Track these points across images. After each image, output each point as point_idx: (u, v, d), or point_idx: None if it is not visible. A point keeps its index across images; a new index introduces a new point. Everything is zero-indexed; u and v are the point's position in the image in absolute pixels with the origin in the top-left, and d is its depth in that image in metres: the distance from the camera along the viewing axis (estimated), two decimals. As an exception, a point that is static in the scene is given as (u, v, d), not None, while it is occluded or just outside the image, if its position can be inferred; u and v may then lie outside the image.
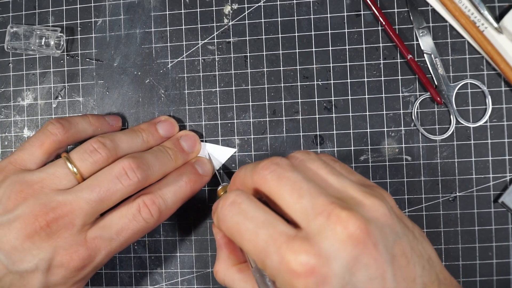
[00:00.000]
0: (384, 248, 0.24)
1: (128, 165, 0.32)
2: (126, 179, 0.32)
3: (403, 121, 0.37)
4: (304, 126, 0.38)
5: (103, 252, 0.32)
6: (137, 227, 0.32)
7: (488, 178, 0.37)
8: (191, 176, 0.35)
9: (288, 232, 0.24)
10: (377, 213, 0.25)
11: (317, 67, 0.38)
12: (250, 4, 0.39)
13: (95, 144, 0.33)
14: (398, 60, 0.38)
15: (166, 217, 0.34)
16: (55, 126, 0.34)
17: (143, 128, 0.36)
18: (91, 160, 0.32)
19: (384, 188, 0.37)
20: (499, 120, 0.37)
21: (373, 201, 0.25)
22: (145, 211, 0.32)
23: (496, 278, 0.36)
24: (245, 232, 0.25)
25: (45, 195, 0.31)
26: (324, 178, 0.27)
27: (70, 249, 0.31)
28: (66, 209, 0.31)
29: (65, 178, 0.32)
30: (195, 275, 0.39)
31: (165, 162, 0.35)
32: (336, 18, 0.38)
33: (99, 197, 0.31)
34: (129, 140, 0.35)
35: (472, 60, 0.37)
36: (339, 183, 0.26)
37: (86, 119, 0.36)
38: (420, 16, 0.37)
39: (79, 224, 0.31)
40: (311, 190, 0.25)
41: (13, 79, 0.41)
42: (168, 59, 0.40)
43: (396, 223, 0.25)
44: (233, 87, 0.39)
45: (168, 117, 0.38)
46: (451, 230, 0.37)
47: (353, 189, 0.26)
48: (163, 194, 0.33)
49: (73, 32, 0.41)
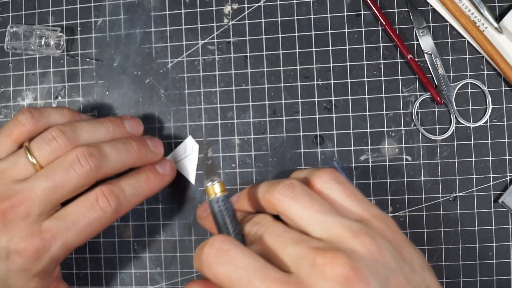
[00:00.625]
0: (377, 283, 0.24)
1: (81, 153, 0.31)
2: (79, 167, 0.31)
3: (403, 121, 0.37)
4: (304, 126, 0.38)
5: (58, 243, 0.31)
6: (94, 216, 0.32)
7: (488, 178, 0.37)
8: (150, 174, 0.35)
9: (281, 278, 0.25)
10: (366, 251, 0.25)
11: (317, 67, 0.38)
12: (250, 4, 0.39)
13: (54, 132, 0.32)
14: (398, 60, 0.38)
15: (124, 212, 0.34)
16: (25, 116, 0.33)
17: (109, 119, 0.36)
18: (48, 149, 0.32)
19: (384, 188, 0.37)
20: (499, 120, 0.37)
21: (364, 240, 0.26)
22: (102, 199, 0.32)
23: (496, 278, 0.36)
24: (237, 281, 0.25)
25: (4, 185, 0.31)
26: (313, 218, 0.27)
27: (25, 238, 0.30)
28: (21, 197, 0.31)
29: (24, 168, 0.32)
30: (195, 275, 0.39)
31: (124, 153, 0.34)
32: (336, 18, 0.38)
33: (53, 185, 0.31)
34: (92, 130, 0.34)
35: (472, 60, 0.37)
36: (328, 223, 0.27)
37: (60, 111, 0.35)
38: (420, 16, 0.37)
39: (35, 214, 0.31)
40: (292, 240, 0.26)
41: (13, 79, 0.41)
42: (168, 59, 0.40)
43: (389, 258, 0.26)
44: (233, 87, 0.39)
45: (133, 116, 0.38)
46: (451, 230, 0.37)
47: (343, 228, 0.26)
48: (122, 185, 0.33)
49: (73, 32, 0.41)
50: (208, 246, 0.26)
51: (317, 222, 0.27)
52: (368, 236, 0.26)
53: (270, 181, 0.31)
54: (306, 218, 0.27)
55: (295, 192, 0.28)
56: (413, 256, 0.27)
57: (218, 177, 0.30)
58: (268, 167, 0.38)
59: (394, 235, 0.28)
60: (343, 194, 0.29)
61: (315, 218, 0.27)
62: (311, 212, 0.27)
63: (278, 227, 0.28)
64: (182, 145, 0.39)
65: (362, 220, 0.28)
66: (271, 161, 0.38)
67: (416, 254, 0.28)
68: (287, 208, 0.28)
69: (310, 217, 0.27)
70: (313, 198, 0.28)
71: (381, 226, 0.28)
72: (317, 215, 0.27)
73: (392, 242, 0.27)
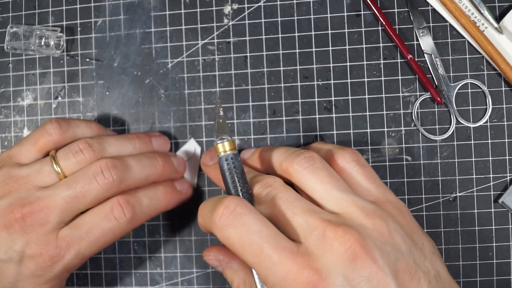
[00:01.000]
0: (385, 263, 0.25)
1: (105, 164, 0.32)
2: (102, 178, 0.31)
3: (403, 121, 0.37)
4: (304, 126, 0.38)
5: (72, 252, 0.31)
6: (108, 226, 0.32)
7: (488, 178, 0.37)
8: (169, 189, 0.35)
9: (291, 248, 0.25)
10: (377, 232, 0.26)
11: (317, 67, 0.38)
12: (250, 4, 0.39)
13: (81, 145, 0.33)
14: (398, 60, 0.38)
15: (140, 223, 0.34)
16: (52, 126, 0.34)
17: (137, 136, 0.36)
18: (74, 161, 0.32)
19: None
20: (499, 120, 0.37)
21: (375, 221, 0.26)
22: (117, 209, 0.32)
23: (496, 278, 0.36)
24: (248, 246, 0.26)
25: (27, 190, 0.31)
26: (329, 193, 0.28)
27: (41, 245, 0.31)
28: (42, 204, 0.31)
29: (48, 176, 0.32)
30: (195, 275, 0.39)
31: (148, 168, 0.34)
32: (336, 18, 0.38)
33: (75, 194, 0.31)
34: (119, 145, 0.34)
35: (472, 60, 0.37)
36: (343, 199, 0.27)
37: (88, 125, 0.36)
38: (420, 16, 0.37)
39: (54, 221, 0.31)
40: (304, 209, 0.27)
41: (13, 79, 0.41)
42: (168, 59, 0.40)
43: (400, 241, 0.26)
44: (233, 87, 0.39)
45: (161, 134, 0.38)
46: (451, 230, 0.37)
47: (357, 207, 0.27)
48: (139, 197, 0.33)
49: (73, 32, 0.41)
50: (223, 207, 0.26)
51: (332, 198, 0.27)
52: (380, 218, 0.26)
53: (289, 148, 0.31)
54: (322, 193, 0.28)
55: (315, 166, 0.28)
56: (424, 242, 0.28)
57: (229, 136, 0.29)
58: (268, 167, 0.38)
59: (406, 221, 0.28)
60: (363, 175, 0.30)
61: (331, 194, 0.27)
62: (328, 187, 0.28)
63: (290, 193, 0.28)
64: (184, 147, 0.39)
65: (377, 202, 0.29)
66: (271, 161, 0.38)
67: (427, 241, 0.28)
68: (304, 180, 0.28)
69: (326, 192, 0.28)
70: (332, 174, 0.28)
71: (394, 211, 0.28)
72: (334, 191, 0.28)
73: (404, 227, 0.27)
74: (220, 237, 0.27)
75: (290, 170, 0.29)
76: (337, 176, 0.29)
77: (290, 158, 0.29)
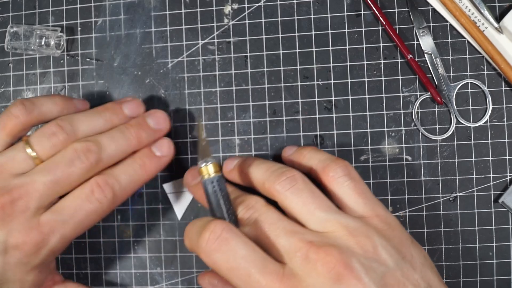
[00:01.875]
0: (371, 280, 0.25)
1: (80, 148, 0.32)
2: (79, 162, 0.31)
3: (404, 121, 0.37)
4: (304, 126, 0.38)
5: (57, 236, 0.31)
6: (91, 208, 0.32)
7: (489, 178, 0.37)
8: (146, 159, 0.34)
9: (277, 271, 0.26)
10: (361, 249, 0.26)
11: (317, 67, 0.38)
12: (250, 4, 0.39)
13: (54, 128, 0.32)
14: (398, 60, 0.38)
15: (122, 200, 0.34)
16: (17, 108, 0.33)
17: (107, 107, 0.35)
18: (49, 144, 0.32)
19: (384, 188, 0.37)
20: (499, 120, 0.37)
21: (359, 239, 0.26)
22: (98, 191, 0.32)
23: (496, 278, 0.36)
24: (236, 271, 0.26)
25: (3, 179, 0.31)
26: (312, 213, 0.28)
27: (24, 232, 0.31)
28: (21, 191, 0.31)
29: (23, 162, 0.32)
30: (195, 275, 0.39)
31: (123, 142, 0.34)
32: (336, 18, 0.38)
33: (55, 179, 0.31)
34: (90, 121, 0.34)
35: (473, 60, 0.37)
36: (326, 220, 0.27)
37: (53, 100, 0.35)
38: (420, 16, 0.37)
39: (34, 207, 0.31)
40: (285, 231, 0.27)
41: (13, 79, 0.41)
42: (168, 59, 0.40)
43: (386, 256, 0.26)
44: (233, 87, 0.39)
45: (134, 97, 0.37)
46: (451, 230, 0.37)
47: (341, 225, 0.27)
48: (117, 175, 0.33)
49: (73, 32, 0.41)
50: (209, 232, 0.26)
51: (316, 218, 0.28)
52: (364, 236, 0.27)
53: (270, 166, 0.31)
54: (305, 214, 0.28)
55: (297, 187, 0.29)
56: (413, 254, 0.28)
57: (212, 158, 0.29)
58: (268, 167, 0.38)
59: (394, 234, 0.28)
60: (353, 190, 0.30)
61: (314, 214, 0.28)
62: (312, 208, 0.28)
63: (272, 213, 0.28)
64: None
65: (365, 218, 0.29)
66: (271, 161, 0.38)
67: (417, 252, 0.28)
68: (287, 201, 0.29)
69: (309, 213, 0.28)
70: (315, 195, 0.29)
71: (382, 225, 0.28)
72: (317, 211, 0.28)
73: (392, 240, 0.27)
74: (207, 262, 0.27)
75: (272, 191, 0.29)
76: (320, 195, 0.29)
77: (272, 178, 0.29)
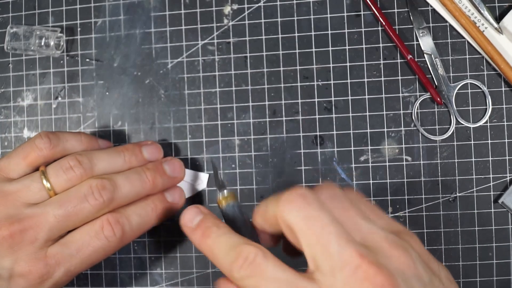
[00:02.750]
0: None
1: (95, 185, 0.32)
2: (92, 199, 0.31)
3: (403, 122, 0.37)
4: (304, 126, 0.38)
5: (62, 269, 0.31)
6: (98, 245, 0.32)
7: (488, 178, 0.37)
8: (158, 203, 0.35)
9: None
10: (403, 265, 0.25)
11: (317, 67, 0.38)
12: (250, 4, 0.39)
13: (72, 162, 0.32)
14: (398, 60, 0.38)
15: (129, 240, 0.34)
16: (42, 141, 0.33)
17: (127, 148, 0.36)
18: (65, 177, 0.32)
19: (384, 189, 0.37)
20: (499, 120, 0.37)
21: (400, 253, 0.25)
22: (108, 228, 0.32)
23: (496, 278, 0.36)
24: None
25: (15, 207, 0.31)
26: (353, 221, 0.26)
27: (30, 262, 0.31)
28: (32, 222, 0.31)
29: (38, 193, 0.32)
30: (195, 275, 0.39)
31: (138, 184, 0.34)
32: (336, 18, 0.38)
33: (67, 213, 0.31)
34: (109, 159, 0.34)
35: (472, 60, 0.37)
36: (368, 229, 0.26)
37: (78, 137, 0.35)
38: (420, 16, 0.37)
39: (43, 239, 0.31)
40: (339, 236, 0.24)
41: (13, 79, 0.41)
42: (168, 60, 0.40)
43: (422, 272, 0.26)
44: (233, 88, 0.39)
45: (153, 142, 0.37)
46: (451, 230, 0.37)
47: (381, 237, 0.26)
48: (128, 215, 0.33)
49: (73, 32, 0.41)
50: (242, 259, 0.26)
51: (357, 226, 0.26)
52: (403, 249, 0.26)
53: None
54: (346, 219, 0.26)
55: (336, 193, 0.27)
56: (440, 269, 0.28)
57: (228, 190, 0.31)
58: (268, 167, 0.38)
59: (421, 248, 0.28)
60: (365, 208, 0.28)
61: (356, 222, 0.26)
62: (352, 214, 0.26)
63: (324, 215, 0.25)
64: (195, 173, 0.39)
65: (393, 232, 0.28)
66: (271, 161, 0.38)
67: (441, 268, 0.28)
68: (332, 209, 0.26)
69: (351, 218, 0.26)
70: (353, 202, 0.27)
71: (409, 239, 0.28)
72: (358, 219, 0.26)
73: (421, 255, 0.27)
74: (238, 285, 0.26)
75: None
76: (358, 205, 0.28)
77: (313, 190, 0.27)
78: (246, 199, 0.39)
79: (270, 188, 0.38)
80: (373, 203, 0.30)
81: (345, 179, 0.38)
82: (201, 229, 0.29)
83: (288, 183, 0.38)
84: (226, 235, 0.28)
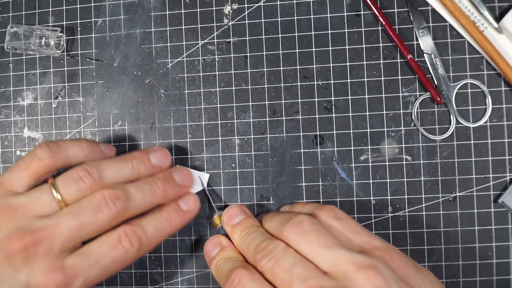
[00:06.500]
0: None
1: (108, 195, 0.32)
2: (107, 209, 0.31)
3: (403, 121, 0.37)
4: (304, 126, 0.38)
5: (81, 280, 0.31)
6: (117, 256, 0.32)
7: (488, 178, 0.37)
8: (172, 213, 0.35)
9: None
10: (372, 285, 0.26)
11: (317, 67, 0.38)
12: (250, 4, 0.39)
13: (81, 172, 0.32)
14: (398, 60, 0.38)
15: (147, 251, 0.34)
16: (43, 150, 0.33)
17: (134, 155, 0.35)
18: (75, 188, 0.32)
19: (384, 188, 0.37)
20: (499, 120, 0.37)
21: (368, 273, 0.27)
22: (125, 240, 0.32)
23: (496, 278, 0.36)
24: None
25: (26, 220, 0.31)
26: (318, 254, 0.29)
27: (46, 274, 0.30)
28: (45, 234, 0.30)
29: (48, 205, 0.32)
30: (195, 275, 0.39)
31: (149, 194, 0.34)
32: (336, 18, 0.38)
33: (81, 223, 0.31)
34: (117, 168, 0.34)
35: (472, 60, 0.37)
36: (333, 258, 0.28)
37: (79, 144, 0.35)
38: (420, 16, 0.37)
39: (57, 249, 0.31)
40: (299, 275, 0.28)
41: (13, 79, 0.41)
42: (168, 59, 0.40)
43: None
44: (233, 87, 0.39)
45: (161, 147, 0.37)
46: (451, 230, 0.37)
47: (348, 262, 0.27)
48: (145, 226, 0.33)
49: (73, 32, 0.41)
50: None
51: (323, 257, 0.28)
52: (372, 269, 0.27)
53: (282, 215, 0.32)
54: (312, 254, 0.29)
55: (303, 229, 0.30)
56: (419, 282, 0.28)
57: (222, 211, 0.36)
58: (268, 167, 0.38)
59: (397, 264, 0.28)
60: (343, 229, 0.31)
61: (320, 253, 0.29)
62: (317, 247, 0.29)
63: (289, 259, 0.29)
64: (195, 172, 0.39)
65: (365, 251, 0.29)
66: (271, 161, 0.38)
67: (422, 279, 0.29)
68: (296, 245, 0.30)
69: (316, 252, 0.29)
70: (319, 233, 0.30)
71: (383, 255, 0.28)
72: (322, 250, 0.29)
73: (397, 271, 0.28)
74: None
75: (283, 238, 0.31)
76: (325, 233, 0.30)
77: (281, 226, 0.31)
78: (246, 199, 0.39)
79: (270, 188, 0.38)
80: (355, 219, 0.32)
81: (345, 178, 0.38)
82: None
83: (288, 183, 0.38)
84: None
